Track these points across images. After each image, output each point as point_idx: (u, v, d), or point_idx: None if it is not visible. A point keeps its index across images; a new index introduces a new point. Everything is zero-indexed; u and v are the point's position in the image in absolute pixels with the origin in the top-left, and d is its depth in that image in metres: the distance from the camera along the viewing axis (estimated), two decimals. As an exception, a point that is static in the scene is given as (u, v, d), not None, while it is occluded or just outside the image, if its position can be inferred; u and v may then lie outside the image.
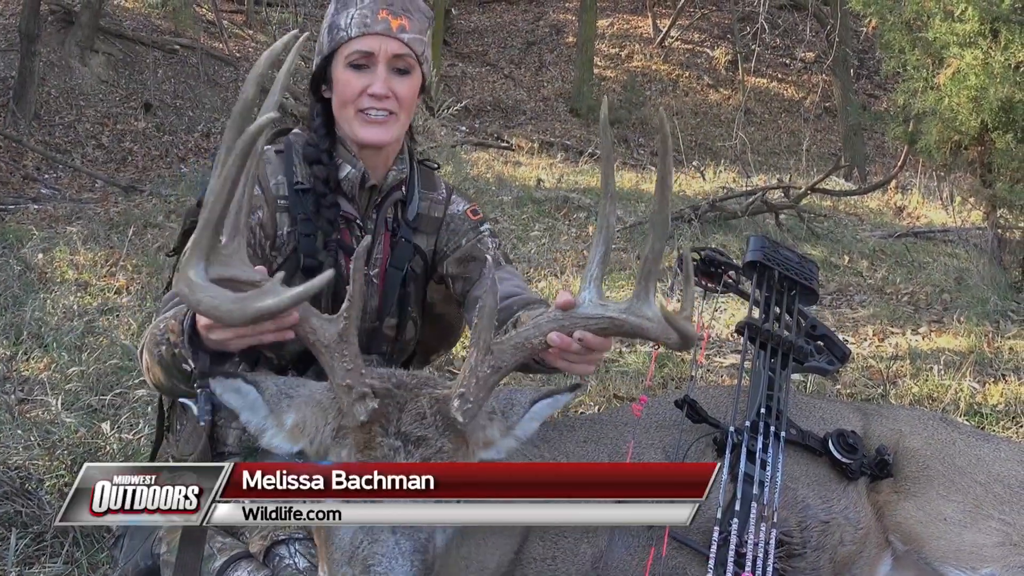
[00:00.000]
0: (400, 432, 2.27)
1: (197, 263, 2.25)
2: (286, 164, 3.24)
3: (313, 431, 2.36)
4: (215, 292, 2.22)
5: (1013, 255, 8.53)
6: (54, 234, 8.61)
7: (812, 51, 24.60)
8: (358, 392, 2.27)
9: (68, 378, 4.96)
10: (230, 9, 21.56)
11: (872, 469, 3.10)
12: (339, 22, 3.18)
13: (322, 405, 2.37)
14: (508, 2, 28.54)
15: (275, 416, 2.38)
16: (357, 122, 3.18)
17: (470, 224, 3.52)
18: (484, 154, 16.00)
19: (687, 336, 2.50)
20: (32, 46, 13.24)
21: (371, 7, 3.15)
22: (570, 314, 2.50)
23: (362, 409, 2.26)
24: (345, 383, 2.28)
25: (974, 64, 7.68)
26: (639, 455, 3.05)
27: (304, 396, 2.41)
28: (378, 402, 2.27)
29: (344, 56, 3.16)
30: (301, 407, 2.39)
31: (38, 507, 3.54)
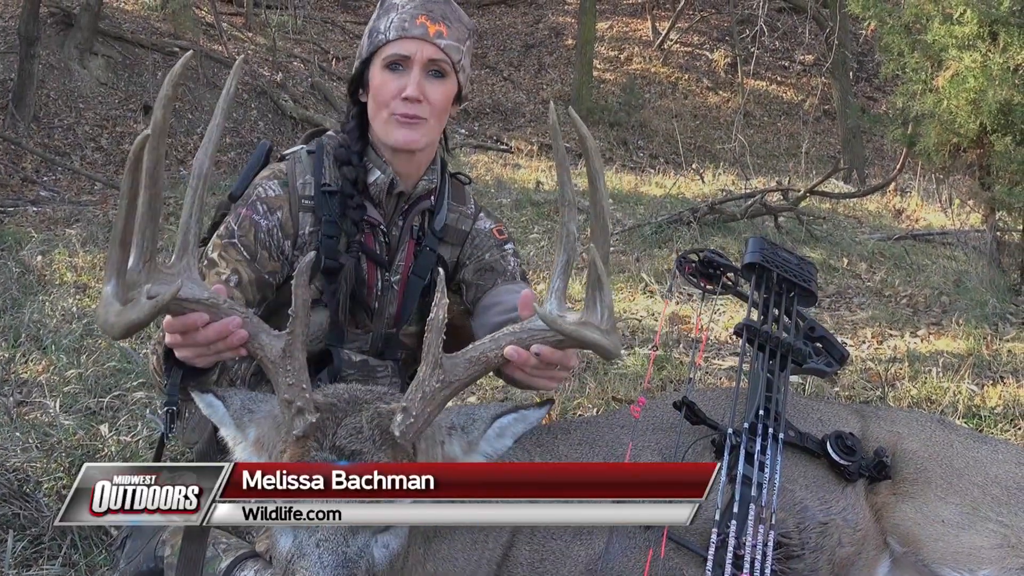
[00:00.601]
0: (335, 446, 2.27)
1: (108, 279, 2.31)
2: (316, 165, 3.28)
3: (271, 446, 2.38)
4: (107, 306, 2.28)
5: (1012, 257, 8.55)
6: (53, 236, 8.62)
7: (811, 54, 24.62)
8: (296, 407, 2.27)
9: (66, 380, 4.96)
10: (229, 11, 21.57)
11: (870, 471, 3.10)
12: (379, 26, 3.23)
13: (277, 420, 2.39)
14: (507, 5, 28.55)
15: (240, 431, 2.42)
16: (390, 125, 3.21)
17: (495, 242, 3.54)
18: (483, 156, 16.02)
19: (607, 349, 2.48)
20: (31, 48, 13.23)
21: (411, 12, 3.20)
22: (527, 328, 2.49)
23: (299, 423, 2.27)
24: (285, 397, 2.29)
25: (973, 67, 7.69)
26: (636, 457, 3.06)
27: (264, 411, 2.43)
28: (317, 416, 2.28)
29: (381, 58, 3.21)
30: (261, 422, 2.41)
31: (36, 509, 3.54)
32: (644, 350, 6.16)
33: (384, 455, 2.28)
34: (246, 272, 3.11)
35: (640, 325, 6.86)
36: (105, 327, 2.29)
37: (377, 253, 3.33)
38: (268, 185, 3.22)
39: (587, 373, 5.67)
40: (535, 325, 2.48)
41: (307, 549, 2.20)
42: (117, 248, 2.29)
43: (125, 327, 2.25)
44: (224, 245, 3.13)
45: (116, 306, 2.27)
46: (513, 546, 2.83)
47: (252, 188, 3.24)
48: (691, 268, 3.61)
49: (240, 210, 3.19)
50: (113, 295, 2.29)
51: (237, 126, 16.13)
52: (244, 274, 3.10)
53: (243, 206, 3.20)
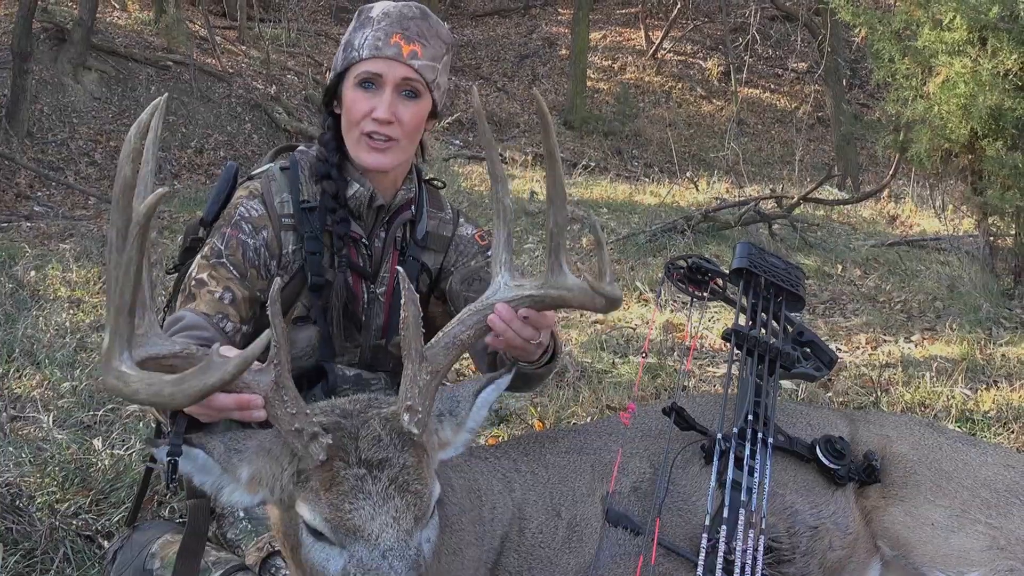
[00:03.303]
0: (361, 460, 2.26)
1: (121, 353, 2.22)
2: (291, 182, 3.23)
3: (271, 480, 2.35)
4: (152, 379, 2.19)
5: (1005, 262, 8.56)
6: (47, 251, 8.62)
7: (804, 61, 24.70)
8: (308, 433, 2.25)
9: (60, 394, 4.96)
10: (223, 25, 21.60)
11: (860, 475, 3.10)
12: (354, 41, 3.20)
13: (273, 453, 2.36)
14: (501, 15, 28.64)
15: (229, 473, 2.36)
16: (360, 146, 3.18)
17: (478, 248, 3.54)
18: (478, 167, 16.00)
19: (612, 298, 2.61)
20: (24, 64, 13.26)
21: (386, 30, 3.16)
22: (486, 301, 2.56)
23: (318, 449, 2.24)
24: (293, 428, 2.26)
25: (963, 72, 7.71)
26: (626, 465, 3.06)
27: (254, 448, 2.38)
28: (331, 437, 2.26)
29: (354, 75, 3.17)
30: (253, 459, 2.37)
31: (29, 523, 3.53)
32: (638, 358, 6.16)
33: (408, 456, 2.29)
34: (239, 290, 3.07)
35: (635, 334, 6.86)
36: (160, 400, 2.19)
37: (362, 266, 3.31)
38: (250, 205, 3.18)
39: (581, 382, 5.67)
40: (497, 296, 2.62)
41: (374, 563, 2.18)
42: (125, 316, 2.22)
43: (199, 393, 2.16)
44: (213, 265, 3.08)
45: (154, 377, 2.20)
46: (502, 554, 2.83)
47: (233, 209, 3.18)
48: (679, 274, 3.61)
49: (224, 230, 3.13)
50: (131, 367, 2.21)
51: (232, 139, 16.15)
52: (237, 292, 3.06)
53: (227, 226, 3.14)
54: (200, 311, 2.96)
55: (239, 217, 3.15)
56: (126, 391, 2.19)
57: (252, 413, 2.28)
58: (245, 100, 17.35)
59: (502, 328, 2.59)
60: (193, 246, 3.41)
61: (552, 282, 2.61)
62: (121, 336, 2.21)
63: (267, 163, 3.35)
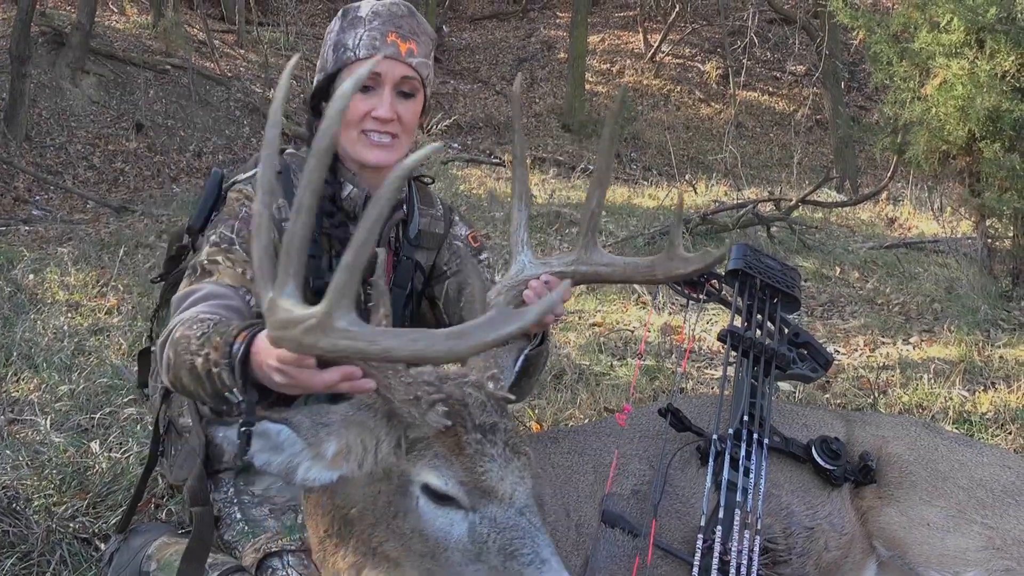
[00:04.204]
0: (477, 425, 2.27)
1: (348, 313, 2.09)
2: (285, 186, 3.19)
3: (361, 453, 2.31)
4: (413, 334, 2.11)
5: (1003, 264, 8.56)
6: (45, 255, 8.62)
7: (802, 64, 24.69)
8: (427, 401, 2.23)
9: (57, 397, 4.96)
10: (221, 29, 21.60)
11: (856, 475, 3.11)
12: (346, 41, 3.16)
13: (365, 425, 2.32)
14: (499, 19, 28.63)
15: (312, 448, 2.29)
16: (361, 144, 3.16)
17: (472, 250, 3.53)
18: (476, 170, 16.01)
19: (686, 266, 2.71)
20: (23, 68, 13.27)
21: (380, 29, 3.14)
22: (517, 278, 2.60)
23: (437, 416, 2.22)
24: (412, 396, 2.23)
25: (960, 74, 7.71)
26: (623, 465, 3.06)
27: (339, 421, 2.32)
28: (446, 404, 2.26)
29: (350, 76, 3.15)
30: (341, 433, 2.31)
31: (26, 526, 3.53)
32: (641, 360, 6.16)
33: (507, 420, 2.34)
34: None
35: (633, 336, 6.86)
36: (430, 353, 2.09)
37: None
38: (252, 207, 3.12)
39: (579, 384, 5.67)
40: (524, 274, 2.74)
41: (511, 520, 2.22)
42: (355, 274, 2.08)
43: (485, 344, 2.09)
44: (226, 249, 2.99)
45: (409, 332, 2.12)
46: None
47: (237, 206, 3.12)
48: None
49: (232, 223, 3.06)
50: (364, 326, 2.09)
51: (230, 143, 16.15)
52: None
53: (233, 220, 3.07)
54: (224, 282, 2.89)
55: (247, 214, 3.07)
56: (374, 349, 2.07)
57: (359, 384, 2.24)
58: (243, 104, 17.36)
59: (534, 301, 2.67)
60: (179, 254, 3.39)
61: (584, 258, 2.71)
62: (350, 294, 2.08)
63: (253, 167, 3.27)
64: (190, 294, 2.82)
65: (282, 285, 2.14)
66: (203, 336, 2.49)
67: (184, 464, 3.21)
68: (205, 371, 2.43)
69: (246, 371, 2.34)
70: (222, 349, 2.39)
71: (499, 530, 2.20)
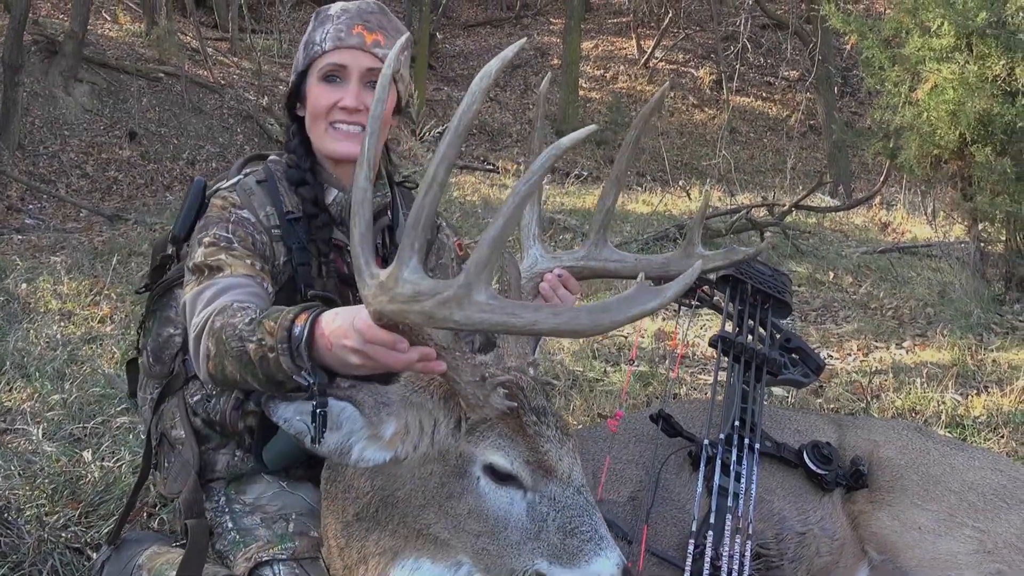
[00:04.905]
0: (532, 407, 2.33)
1: (488, 287, 2.07)
2: (271, 193, 3.16)
3: (418, 434, 2.37)
4: (554, 309, 2.16)
5: (996, 268, 8.58)
6: (38, 264, 8.60)
7: (795, 69, 24.74)
8: (492, 383, 2.29)
9: (50, 407, 4.94)
10: (214, 36, 21.58)
11: (847, 480, 3.11)
12: (315, 38, 3.16)
13: (425, 407, 2.39)
14: (493, 25, 28.67)
15: (372, 428, 2.35)
16: (328, 137, 3.14)
17: (458, 257, 3.53)
18: (470, 177, 16.02)
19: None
20: (16, 76, 13.25)
21: (347, 22, 3.13)
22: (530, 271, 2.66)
23: (500, 398, 2.29)
24: (477, 377, 2.29)
25: (951, 78, 7.73)
26: (617, 470, 3.06)
27: (398, 403, 2.38)
28: (507, 387, 2.32)
29: (317, 69, 3.13)
30: (400, 413, 2.37)
31: (17, 536, 3.51)
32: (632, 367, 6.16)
33: (551, 404, 2.41)
34: (261, 263, 2.98)
35: (626, 342, 6.86)
36: (578, 326, 2.05)
37: (348, 274, 3.23)
38: (240, 213, 3.07)
39: (573, 390, 5.67)
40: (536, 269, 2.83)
41: (570, 498, 2.29)
42: (499, 249, 2.07)
43: (634, 317, 2.05)
44: (225, 248, 2.94)
45: (547, 307, 2.25)
46: None
47: (225, 211, 3.07)
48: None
49: (226, 224, 3.01)
50: (500, 299, 2.08)
51: (223, 151, 16.12)
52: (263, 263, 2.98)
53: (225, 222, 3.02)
54: (239, 273, 2.85)
55: (237, 218, 3.04)
56: (516, 322, 2.04)
57: (433, 364, 2.25)
58: (237, 111, 17.34)
59: (549, 295, 2.75)
60: (163, 264, 3.38)
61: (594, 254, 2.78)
62: (490, 269, 2.05)
63: (235, 175, 3.25)
64: (207, 288, 2.79)
65: (407, 259, 2.14)
66: (252, 322, 2.48)
67: (178, 476, 3.20)
68: (259, 356, 2.41)
69: (311, 353, 2.34)
70: (279, 334, 2.37)
71: (559, 508, 2.27)
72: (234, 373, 2.52)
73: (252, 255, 2.96)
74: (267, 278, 2.95)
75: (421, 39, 21.10)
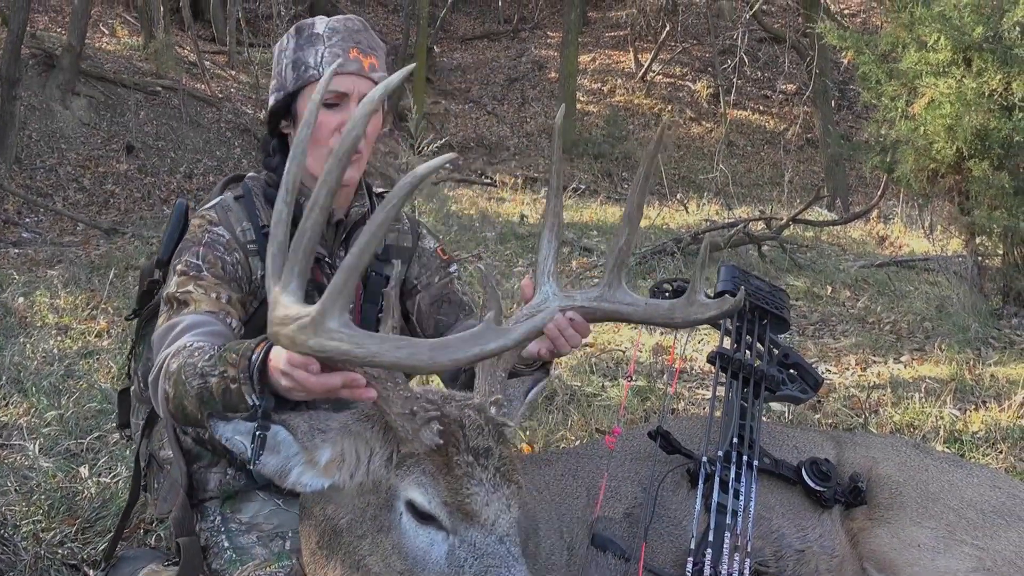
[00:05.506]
0: (470, 447, 2.27)
1: (341, 315, 2.11)
2: (248, 209, 3.17)
3: (354, 463, 2.33)
4: (398, 341, 2.12)
5: (993, 282, 8.58)
6: (35, 278, 8.60)
7: (792, 83, 24.77)
8: (423, 417, 2.24)
9: (47, 422, 4.93)
10: (212, 50, 21.63)
11: (846, 497, 3.10)
12: (307, 59, 3.12)
13: (362, 436, 2.34)
14: (490, 39, 28.73)
15: (307, 453, 2.32)
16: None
17: (440, 263, 3.53)
18: (468, 191, 16.04)
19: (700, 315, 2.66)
20: (13, 90, 13.26)
21: (341, 45, 3.11)
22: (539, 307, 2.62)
23: (431, 434, 2.23)
24: (408, 410, 2.25)
25: (948, 93, 7.74)
26: (615, 488, 3.05)
27: (337, 429, 2.35)
28: (440, 423, 2.26)
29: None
30: (337, 441, 2.34)
31: (14, 553, 3.51)
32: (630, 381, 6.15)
33: (504, 447, 2.33)
34: (230, 292, 2.99)
35: (624, 357, 6.86)
36: (412, 362, 2.08)
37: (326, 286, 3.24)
38: (215, 231, 3.09)
39: (571, 405, 5.66)
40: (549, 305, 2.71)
41: (490, 547, 2.21)
42: (354, 278, 2.12)
43: (473, 358, 2.09)
44: (195, 277, 2.97)
45: (395, 339, 2.13)
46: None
47: (201, 232, 3.09)
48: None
49: (196, 249, 3.04)
50: (354, 327, 2.11)
51: (221, 164, 16.14)
52: (230, 294, 2.99)
53: (197, 246, 3.05)
54: (202, 310, 2.87)
55: (209, 239, 3.06)
56: (359, 352, 2.07)
57: (359, 392, 2.23)
58: (234, 125, 17.37)
59: (555, 335, 2.68)
60: (150, 289, 3.38)
61: (608, 296, 2.71)
62: (346, 296, 2.11)
63: (216, 195, 3.28)
64: (172, 327, 2.81)
65: (287, 283, 2.18)
66: (212, 358, 2.48)
67: (168, 496, 3.20)
68: (222, 389, 2.42)
69: (263, 379, 2.35)
70: (241, 364, 2.38)
71: (477, 556, 2.20)
72: (195, 412, 2.53)
73: (221, 283, 2.98)
74: (233, 310, 2.97)
75: (419, 53, 21.14)
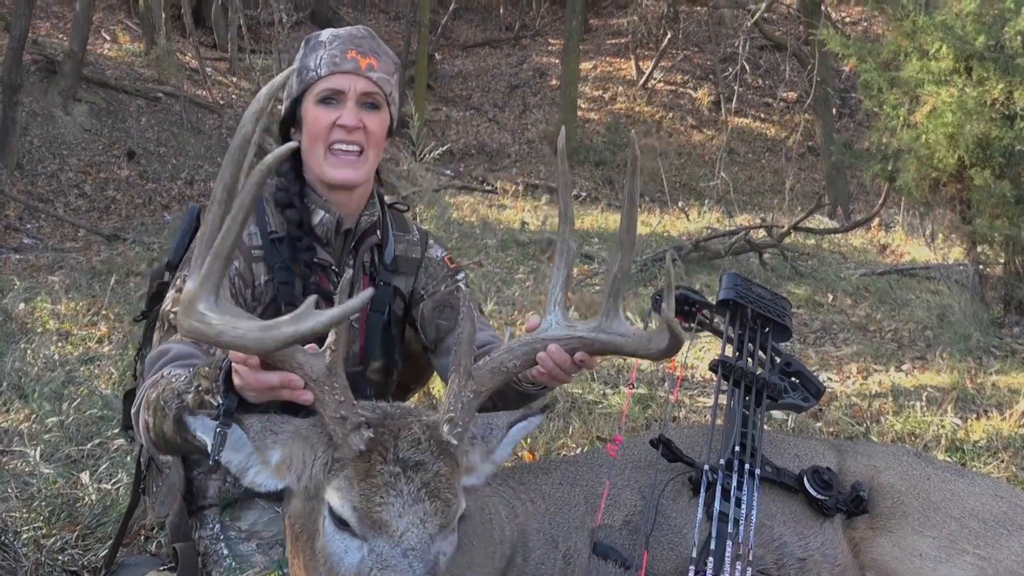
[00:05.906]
0: (398, 459, 2.26)
1: (208, 296, 2.23)
2: (257, 213, 3.21)
3: (300, 467, 2.35)
4: (237, 323, 2.18)
5: (995, 291, 8.57)
6: (36, 284, 8.59)
7: (794, 91, 24.77)
8: (353, 423, 2.26)
9: (47, 428, 4.93)
10: (213, 56, 21.61)
11: (848, 505, 3.09)
12: (308, 63, 3.21)
13: (309, 440, 2.37)
14: (491, 46, 28.72)
15: (260, 453, 2.36)
16: (327, 163, 3.19)
17: (448, 271, 3.54)
18: (469, 198, 16.05)
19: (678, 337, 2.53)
20: (14, 96, 13.26)
21: (340, 48, 3.19)
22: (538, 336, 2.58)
23: (358, 439, 2.25)
24: (339, 415, 2.26)
25: (950, 101, 7.73)
26: (616, 496, 3.05)
27: (289, 432, 2.39)
28: (373, 431, 2.27)
29: (314, 94, 3.19)
30: (287, 443, 2.38)
31: (14, 559, 3.50)
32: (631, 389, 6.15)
33: (443, 464, 2.31)
34: None
35: (625, 364, 6.85)
36: (244, 343, 2.16)
37: (334, 294, 3.26)
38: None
39: (572, 413, 5.65)
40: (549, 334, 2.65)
41: (394, 560, 2.18)
42: (221, 263, 2.24)
43: (285, 339, 2.12)
44: None
45: (241, 321, 2.20)
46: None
47: None
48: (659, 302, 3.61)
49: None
50: (214, 310, 2.22)
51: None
52: None
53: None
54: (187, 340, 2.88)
55: None
56: (209, 332, 2.19)
57: (297, 393, 2.29)
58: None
59: (551, 367, 2.65)
60: (160, 291, 3.40)
61: (605, 326, 2.65)
62: (211, 280, 2.23)
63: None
64: (162, 355, 2.85)
65: (197, 266, 2.27)
66: (188, 378, 2.52)
67: (165, 500, 3.21)
68: (197, 403, 2.44)
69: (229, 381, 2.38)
70: (213, 374, 2.42)
71: (381, 566, 2.19)
72: (174, 436, 2.55)
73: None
74: None
75: (420, 60, 21.15)
